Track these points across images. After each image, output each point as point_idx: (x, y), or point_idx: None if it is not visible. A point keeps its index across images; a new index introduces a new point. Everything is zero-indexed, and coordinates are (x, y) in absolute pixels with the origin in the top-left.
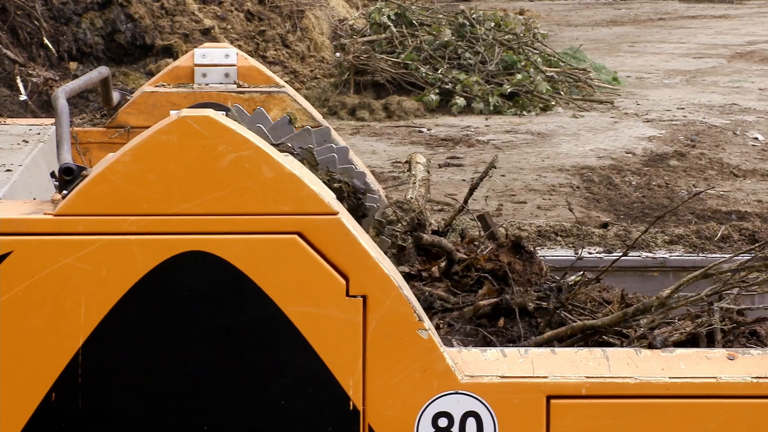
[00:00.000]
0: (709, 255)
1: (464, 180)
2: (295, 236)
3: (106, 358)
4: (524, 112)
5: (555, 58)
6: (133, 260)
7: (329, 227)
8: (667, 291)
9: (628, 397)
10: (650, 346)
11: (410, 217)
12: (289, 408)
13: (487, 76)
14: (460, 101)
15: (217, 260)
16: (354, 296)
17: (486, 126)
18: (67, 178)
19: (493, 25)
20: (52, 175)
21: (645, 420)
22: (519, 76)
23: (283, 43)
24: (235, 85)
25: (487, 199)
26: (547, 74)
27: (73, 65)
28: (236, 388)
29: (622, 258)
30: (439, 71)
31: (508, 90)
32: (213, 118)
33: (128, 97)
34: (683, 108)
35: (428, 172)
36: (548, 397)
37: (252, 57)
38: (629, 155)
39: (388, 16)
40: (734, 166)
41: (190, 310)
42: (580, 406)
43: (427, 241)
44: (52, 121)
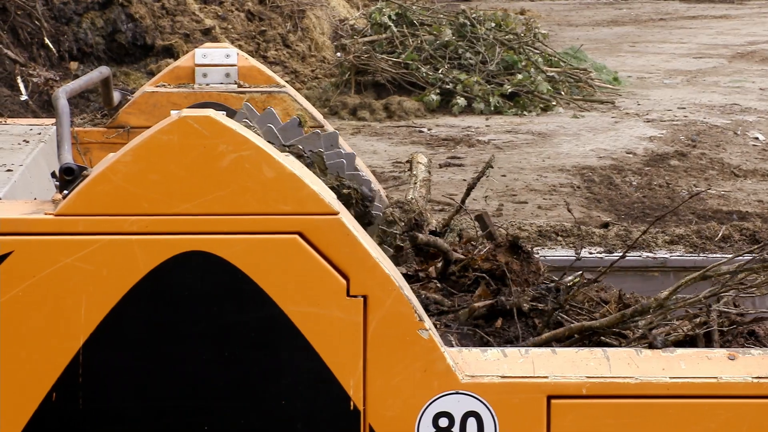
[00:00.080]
0: (710, 255)
1: (465, 180)
2: (296, 236)
3: (106, 358)
4: (525, 112)
5: (556, 58)
6: (133, 260)
7: (330, 227)
8: (666, 292)
9: (628, 397)
10: (651, 346)
11: (408, 217)
12: (289, 408)
13: (487, 76)
14: (461, 101)
15: (218, 260)
16: (354, 296)
17: (486, 126)
18: (67, 178)
19: (493, 25)
20: (53, 175)
21: (646, 420)
22: (520, 76)
23: (283, 43)
24: (236, 85)
25: (488, 200)
26: (547, 74)
27: (73, 65)
28: (237, 388)
29: (623, 258)
30: (439, 71)
31: (509, 90)
32: (213, 118)
33: (129, 97)
34: (684, 108)
35: (429, 172)
36: (549, 397)
37: (253, 57)
38: (630, 155)
39: (389, 16)
40: (735, 166)
41: (191, 310)
42: (581, 406)
43: (422, 240)
44: (52, 121)
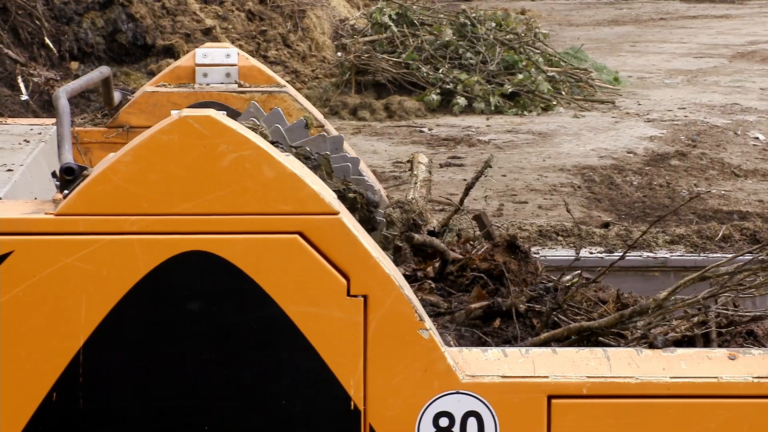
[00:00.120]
0: (710, 255)
1: (465, 180)
2: (296, 236)
3: (107, 358)
4: (525, 112)
5: (556, 58)
6: (134, 260)
7: (330, 227)
8: (664, 293)
9: (629, 396)
10: (651, 345)
11: (405, 218)
12: (289, 408)
13: (488, 75)
14: (461, 101)
15: (218, 260)
16: (355, 296)
17: (487, 126)
18: (68, 177)
19: (494, 24)
20: (53, 174)
21: (646, 420)
22: (520, 76)
23: (284, 42)
24: (236, 85)
25: (489, 199)
26: (548, 74)
27: (74, 65)
28: (237, 388)
29: (623, 258)
30: (440, 71)
31: (510, 90)
32: (214, 118)
33: (129, 97)
34: (684, 108)
35: (430, 172)
36: (549, 397)
37: (253, 57)
38: (630, 155)
39: (390, 16)
40: (735, 165)
41: (191, 310)
42: (581, 406)
43: (418, 240)
44: (53, 120)
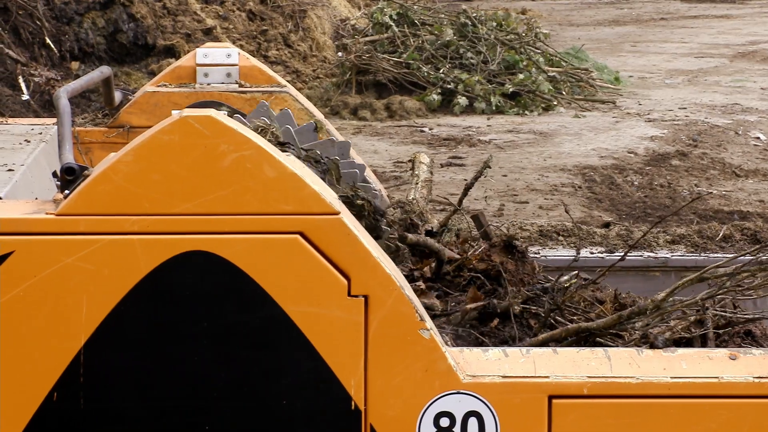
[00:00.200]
0: (711, 255)
1: (466, 180)
2: (297, 236)
3: (107, 357)
4: (526, 112)
5: (557, 58)
6: (134, 260)
7: (331, 227)
8: (663, 294)
9: (629, 396)
10: (652, 345)
11: (402, 218)
12: (290, 408)
13: (489, 75)
14: (462, 101)
15: (219, 260)
16: (355, 296)
17: (488, 126)
18: (68, 177)
19: (495, 24)
20: (54, 174)
21: (647, 420)
22: (521, 76)
23: (285, 42)
24: (237, 85)
25: (490, 199)
26: (549, 74)
27: (75, 65)
28: (238, 388)
29: (623, 260)
30: (441, 71)
31: (510, 90)
32: (215, 118)
33: (130, 97)
34: (685, 108)
35: (431, 172)
36: (550, 397)
37: (254, 57)
38: (631, 155)
39: (390, 16)
40: (736, 165)
41: (192, 310)
42: (582, 406)
43: (411, 240)
44: (53, 120)
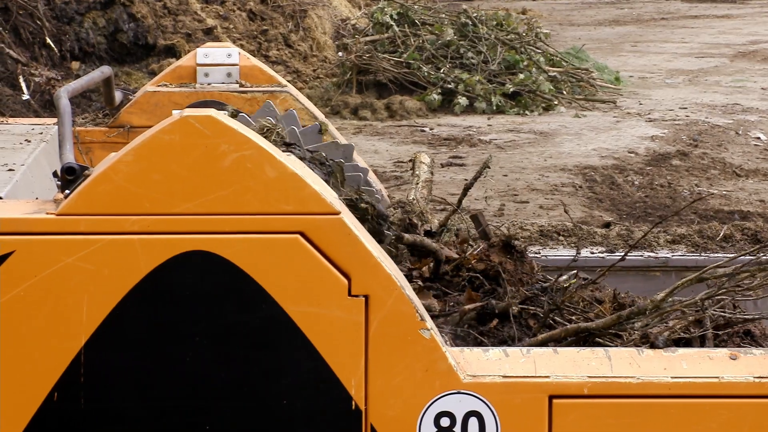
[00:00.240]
0: (712, 255)
1: (466, 179)
2: (298, 236)
3: (108, 357)
4: (527, 112)
5: (557, 58)
6: (135, 260)
7: (331, 227)
8: (662, 294)
9: (630, 396)
10: (652, 345)
11: (400, 218)
12: (291, 408)
13: (489, 75)
14: (463, 101)
15: (220, 260)
16: (356, 296)
17: (488, 125)
18: (69, 177)
19: (495, 24)
20: (55, 174)
21: (647, 420)
22: (521, 76)
23: (285, 42)
24: (238, 85)
25: (490, 199)
26: (549, 74)
27: (75, 65)
28: (238, 388)
29: (623, 260)
30: (441, 71)
31: (511, 89)
32: (215, 118)
33: (131, 97)
34: (686, 108)
35: (432, 172)
36: (550, 397)
37: (254, 56)
38: (632, 155)
39: (391, 16)
40: (737, 165)
41: (192, 310)
42: (583, 406)
43: (408, 240)
44: (54, 120)
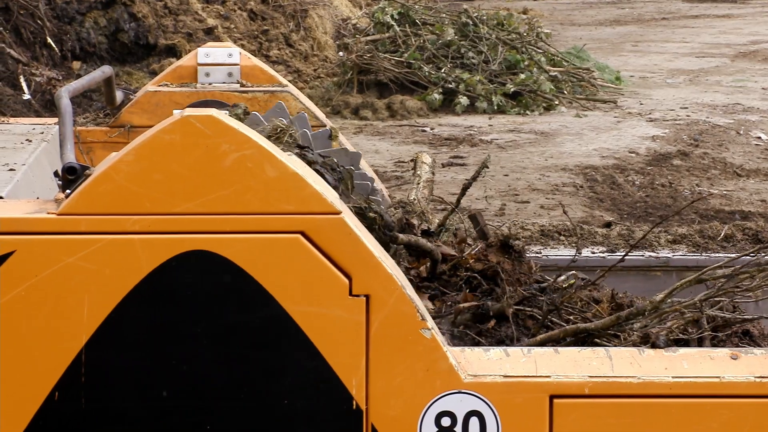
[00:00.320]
0: (712, 255)
1: (467, 179)
2: (299, 236)
3: (109, 357)
4: (527, 112)
5: (558, 58)
6: (136, 259)
7: (332, 226)
8: (661, 295)
9: (631, 396)
10: (653, 345)
11: (398, 218)
12: (292, 407)
13: (490, 75)
14: (464, 100)
15: (220, 260)
16: (357, 296)
17: (489, 125)
18: (70, 177)
19: (496, 24)
20: (56, 174)
21: (648, 419)
22: (522, 76)
23: (286, 42)
24: (239, 85)
25: (491, 199)
26: (550, 74)
27: (76, 64)
28: (239, 388)
29: (626, 257)
30: (442, 70)
31: (512, 89)
32: (216, 118)
33: (131, 97)
34: (686, 107)
35: (433, 173)
36: (551, 397)
37: (255, 56)
38: (632, 155)
39: (392, 16)
40: (737, 165)
41: (193, 310)
42: (583, 406)
43: (402, 240)
44: (55, 120)
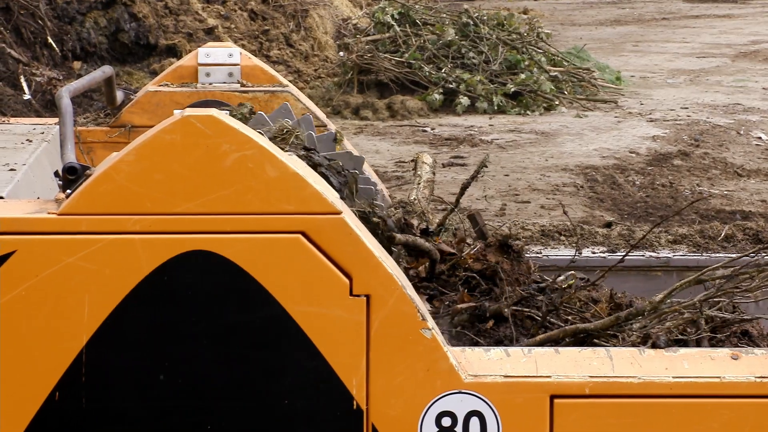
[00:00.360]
0: (713, 255)
1: (467, 179)
2: (299, 236)
3: (109, 357)
4: (528, 112)
5: (559, 58)
6: (136, 259)
7: (333, 226)
8: (660, 295)
9: (631, 396)
10: (654, 345)
11: (396, 218)
12: (292, 407)
13: (490, 75)
14: (464, 101)
15: (221, 260)
16: (357, 295)
17: (490, 125)
18: (70, 177)
19: (496, 24)
20: (56, 174)
21: (648, 419)
22: (523, 76)
23: (286, 42)
24: (239, 85)
25: (491, 199)
26: (550, 74)
27: (76, 64)
28: (240, 388)
29: (626, 257)
30: (442, 71)
31: (512, 89)
32: (216, 118)
33: (132, 97)
34: (687, 107)
35: (434, 173)
36: (552, 397)
37: (256, 56)
38: (633, 155)
39: (392, 16)
40: (738, 165)
41: (194, 310)
42: (584, 406)
43: (400, 240)
44: (55, 120)
